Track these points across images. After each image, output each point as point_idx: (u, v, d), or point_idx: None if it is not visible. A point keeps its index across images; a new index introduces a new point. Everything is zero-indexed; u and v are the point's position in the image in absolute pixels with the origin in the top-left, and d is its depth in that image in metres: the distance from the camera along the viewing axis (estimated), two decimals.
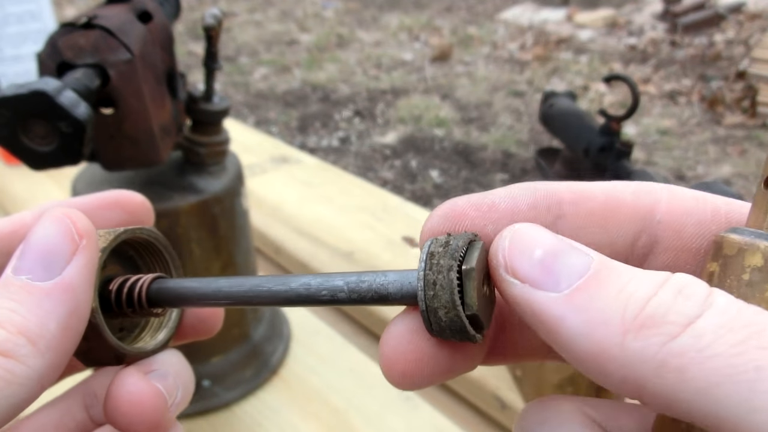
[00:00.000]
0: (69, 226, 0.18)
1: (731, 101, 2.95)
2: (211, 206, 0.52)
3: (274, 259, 0.81)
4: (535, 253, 0.15)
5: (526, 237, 0.15)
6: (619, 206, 0.18)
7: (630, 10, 4.33)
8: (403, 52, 3.90)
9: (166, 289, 0.22)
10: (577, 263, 0.14)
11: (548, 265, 0.15)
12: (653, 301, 0.13)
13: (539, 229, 0.16)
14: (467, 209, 0.18)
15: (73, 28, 0.41)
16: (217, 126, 0.53)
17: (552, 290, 0.14)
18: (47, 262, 0.18)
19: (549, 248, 0.15)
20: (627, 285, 0.14)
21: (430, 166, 2.55)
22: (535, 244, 0.15)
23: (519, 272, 0.15)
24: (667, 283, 0.14)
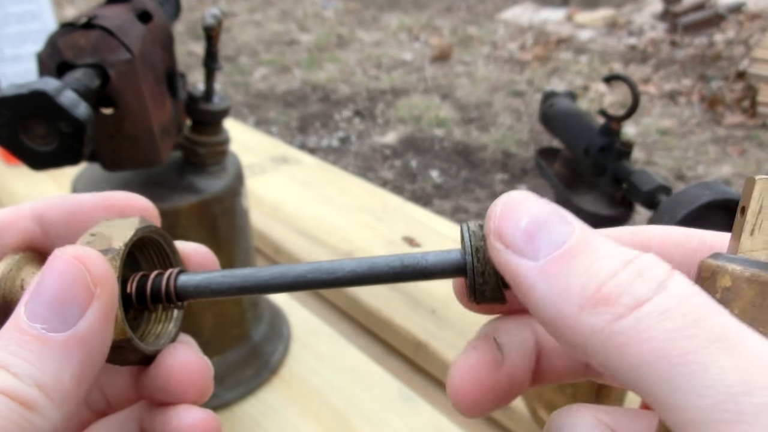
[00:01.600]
0: (83, 274, 0.18)
1: (731, 101, 2.95)
2: (211, 206, 0.52)
3: (274, 259, 0.81)
4: (522, 222, 0.16)
5: (515, 205, 0.16)
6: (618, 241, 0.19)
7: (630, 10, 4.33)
8: (403, 52, 3.90)
9: (194, 281, 0.22)
10: (557, 235, 0.15)
11: (531, 235, 0.16)
12: (612, 281, 0.14)
13: (530, 197, 0.17)
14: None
15: (73, 28, 0.41)
16: (217, 126, 0.53)
17: (531, 258, 0.15)
18: (62, 313, 0.17)
19: (534, 218, 0.16)
20: (595, 262, 0.15)
21: (430, 166, 2.55)
22: (523, 213, 0.16)
23: (505, 239, 0.16)
24: (631, 264, 0.15)
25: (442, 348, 0.61)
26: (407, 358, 0.64)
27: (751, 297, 0.16)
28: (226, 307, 0.57)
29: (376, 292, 0.69)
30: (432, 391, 0.61)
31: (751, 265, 0.16)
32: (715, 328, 0.14)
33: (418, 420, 0.56)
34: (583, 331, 0.14)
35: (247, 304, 0.59)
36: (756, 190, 0.17)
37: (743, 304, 0.16)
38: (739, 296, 0.16)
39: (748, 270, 0.16)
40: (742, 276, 0.16)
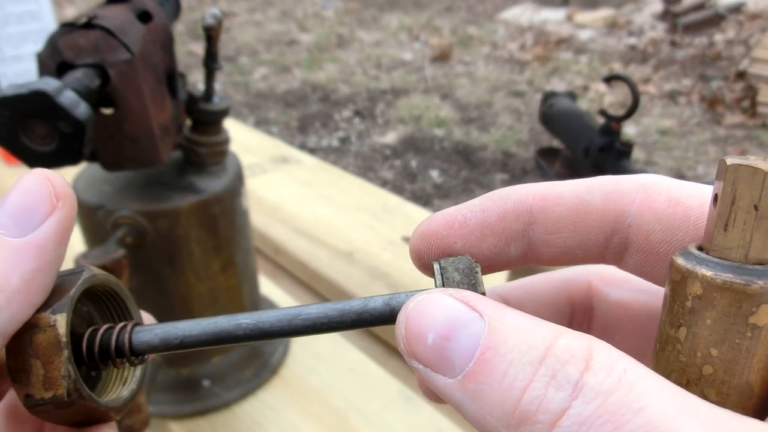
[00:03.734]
0: (48, 187, 0.19)
1: (731, 101, 2.95)
2: (211, 206, 0.52)
3: (274, 259, 0.81)
4: (428, 338, 0.15)
5: (420, 319, 0.16)
6: (589, 211, 0.19)
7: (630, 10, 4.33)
8: (403, 52, 3.90)
9: (150, 336, 0.20)
10: (466, 343, 0.15)
11: (440, 350, 0.15)
12: (527, 394, 0.14)
13: (435, 304, 0.16)
14: (440, 228, 0.20)
15: (73, 28, 0.41)
16: (217, 126, 0.53)
17: (448, 375, 0.15)
18: (22, 220, 0.18)
19: (440, 331, 0.15)
20: (508, 370, 0.14)
21: (430, 166, 2.55)
22: (427, 328, 0.15)
23: (418, 358, 0.16)
24: (543, 365, 0.14)
25: None
26: None
27: (724, 306, 0.15)
28: (226, 307, 0.57)
29: (376, 292, 0.69)
30: None
31: (724, 269, 0.15)
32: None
33: (418, 420, 0.56)
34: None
35: (248, 304, 0.59)
36: (728, 177, 0.15)
37: (716, 314, 0.15)
38: (711, 305, 0.15)
39: (719, 276, 0.15)
40: (714, 283, 0.15)
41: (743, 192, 0.15)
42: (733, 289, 0.14)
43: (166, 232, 0.50)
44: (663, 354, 0.16)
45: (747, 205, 0.15)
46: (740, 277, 0.14)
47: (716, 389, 0.15)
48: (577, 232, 0.19)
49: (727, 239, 0.15)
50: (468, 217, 0.19)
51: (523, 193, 0.19)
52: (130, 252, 0.48)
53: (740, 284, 0.14)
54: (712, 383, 0.15)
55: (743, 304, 0.14)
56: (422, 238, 0.20)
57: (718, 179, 0.15)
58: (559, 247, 0.19)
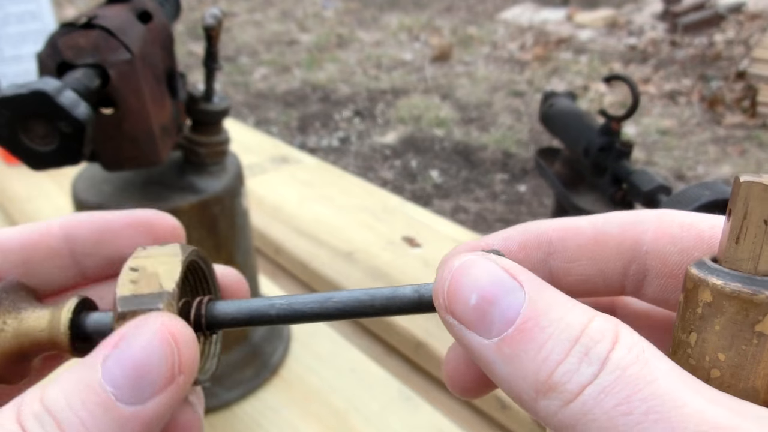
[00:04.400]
0: (174, 354, 0.17)
1: (731, 101, 2.95)
2: (211, 206, 0.52)
3: (274, 259, 0.81)
4: (471, 298, 0.16)
5: (464, 279, 0.16)
6: (606, 240, 0.20)
7: (630, 10, 4.33)
8: (403, 52, 3.90)
9: (225, 310, 0.21)
10: (508, 309, 0.16)
11: (482, 312, 0.16)
12: (561, 367, 0.15)
13: (480, 266, 0.17)
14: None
15: (73, 28, 0.41)
16: (217, 126, 0.53)
17: (485, 336, 0.16)
18: (137, 386, 0.16)
19: (484, 293, 0.16)
20: (546, 343, 0.15)
21: (430, 166, 2.55)
22: (472, 288, 0.16)
23: (457, 315, 0.16)
24: (578, 343, 0.15)
25: (442, 348, 0.61)
26: (407, 358, 0.64)
27: (732, 314, 0.16)
28: None
29: None
30: (432, 391, 0.61)
31: (733, 279, 0.16)
32: (647, 399, 0.14)
33: (418, 420, 0.56)
34: (541, 414, 0.15)
35: None
36: (741, 193, 0.16)
37: (724, 320, 0.16)
38: (720, 312, 0.16)
39: (728, 285, 0.16)
40: (723, 292, 0.16)
41: (755, 207, 0.16)
42: (740, 298, 0.15)
43: None
44: (675, 357, 0.17)
45: (758, 220, 0.16)
46: (748, 287, 0.15)
47: (723, 392, 0.16)
48: (595, 260, 0.20)
49: (738, 251, 0.16)
50: (491, 245, 0.20)
51: (544, 226, 0.20)
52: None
53: (748, 294, 0.15)
54: (719, 386, 0.16)
55: (750, 312, 0.15)
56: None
57: (732, 195, 0.16)
58: (578, 275, 0.20)
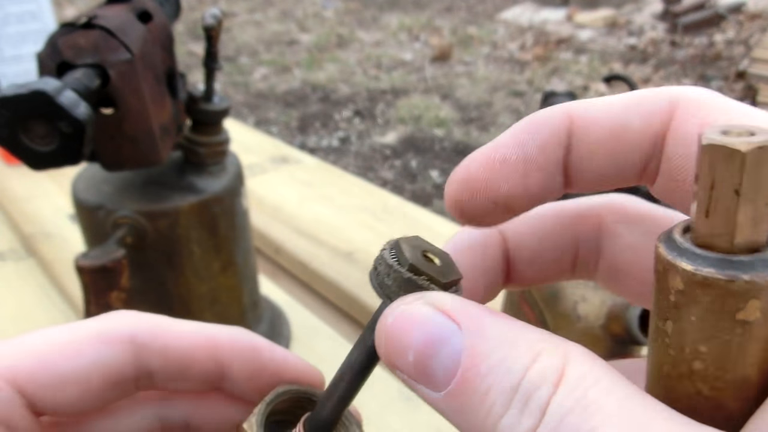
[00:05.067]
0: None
1: None
2: (211, 206, 0.52)
3: (274, 259, 0.81)
4: (409, 356, 0.15)
5: (398, 338, 0.16)
6: (627, 132, 0.17)
7: (630, 10, 4.33)
8: (403, 52, 3.90)
9: (319, 418, 0.21)
10: (448, 363, 0.15)
11: (423, 367, 0.15)
12: (504, 420, 0.14)
13: (413, 318, 0.16)
14: (481, 172, 0.18)
15: (73, 28, 0.41)
16: (217, 126, 0.53)
17: (432, 390, 0.15)
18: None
19: (421, 349, 0.15)
20: (488, 394, 0.14)
21: (430, 166, 2.56)
22: (408, 345, 0.15)
23: (401, 370, 0.16)
24: (519, 391, 0.14)
25: None
26: None
27: (708, 303, 0.13)
28: (227, 307, 0.57)
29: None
30: None
31: (706, 262, 0.13)
32: None
33: (418, 420, 0.56)
34: None
35: (248, 304, 0.59)
36: (705, 158, 0.13)
37: (701, 310, 0.14)
38: (694, 301, 0.14)
39: (700, 271, 0.13)
40: (695, 279, 0.13)
41: (722, 176, 0.13)
42: (715, 286, 0.13)
43: (166, 232, 0.50)
44: (655, 344, 0.15)
45: (728, 191, 0.13)
46: (723, 272, 0.13)
47: (709, 384, 0.14)
48: (615, 157, 0.17)
49: (710, 225, 0.13)
50: (507, 155, 0.18)
51: (560, 115, 0.18)
52: (130, 252, 0.48)
53: (723, 280, 0.13)
54: (704, 378, 0.14)
55: (728, 300, 0.13)
56: (464, 185, 0.19)
57: (697, 158, 0.13)
58: (594, 172, 0.18)
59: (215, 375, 0.21)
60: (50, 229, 0.83)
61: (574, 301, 0.47)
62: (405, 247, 0.19)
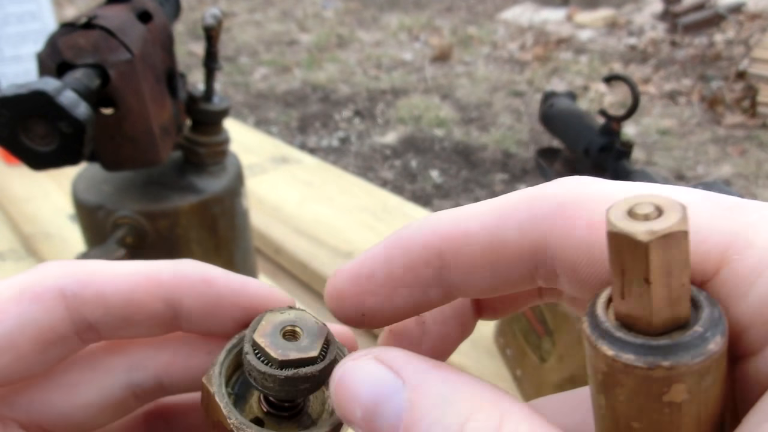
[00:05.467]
0: None
1: (731, 101, 2.95)
2: (211, 206, 0.52)
3: (274, 259, 0.81)
4: (357, 413, 0.16)
5: (347, 394, 0.16)
6: (505, 247, 0.17)
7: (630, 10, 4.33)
8: (403, 52, 3.90)
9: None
10: (391, 420, 0.15)
11: (370, 424, 0.16)
12: None
13: (359, 374, 0.16)
14: (346, 286, 0.19)
15: (73, 28, 0.41)
16: (217, 126, 0.53)
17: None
18: None
19: (366, 406, 0.16)
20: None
21: (430, 166, 2.56)
22: (355, 402, 0.16)
23: (352, 424, 0.16)
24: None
25: None
26: None
27: (633, 386, 0.13)
28: None
29: None
30: None
31: (625, 348, 0.13)
32: None
33: None
34: None
35: None
36: (612, 245, 0.13)
37: (627, 392, 0.13)
38: (619, 384, 0.13)
39: (620, 357, 0.13)
40: (616, 366, 0.13)
41: (630, 265, 0.13)
42: (637, 373, 0.13)
43: (166, 232, 0.50)
44: (595, 411, 0.15)
45: (638, 279, 0.13)
46: (643, 359, 0.13)
47: None
48: (496, 271, 0.17)
49: (627, 307, 0.13)
50: (374, 271, 0.18)
51: (429, 235, 0.17)
52: (130, 252, 0.48)
53: (643, 368, 0.13)
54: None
55: (652, 385, 0.13)
56: (333, 296, 0.19)
57: (607, 242, 0.13)
58: (480, 287, 0.18)
59: (166, 316, 0.20)
60: (50, 229, 0.83)
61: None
62: (264, 343, 0.19)
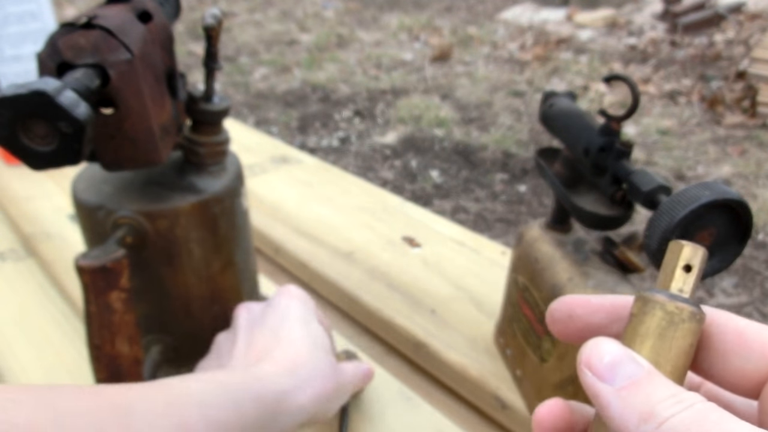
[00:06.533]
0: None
1: (731, 101, 2.95)
2: (211, 206, 0.52)
3: (274, 259, 0.81)
4: (605, 358, 0.22)
5: (601, 347, 0.22)
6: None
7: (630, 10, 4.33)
8: (403, 52, 3.90)
9: None
10: (629, 370, 0.21)
11: (611, 368, 0.22)
12: (659, 405, 0.20)
13: (611, 342, 0.23)
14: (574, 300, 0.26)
15: (73, 28, 0.41)
16: (217, 126, 0.53)
17: (609, 384, 0.21)
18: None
19: (614, 357, 0.22)
20: (653, 392, 0.21)
21: (430, 166, 2.55)
22: (606, 352, 0.22)
23: (592, 368, 0.22)
24: (674, 396, 0.20)
25: (442, 348, 0.61)
26: (407, 358, 0.64)
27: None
28: (226, 307, 0.57)
29: (376, 292, 0.69)
30: (432, 391, 0.61)
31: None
32: (713, 429, 0.19)
33: (418, 420, 0.56)
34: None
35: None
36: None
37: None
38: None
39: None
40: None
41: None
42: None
43: (166, 232, 0.50)
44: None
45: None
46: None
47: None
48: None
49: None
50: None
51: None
52: (130, 252, 0.48)
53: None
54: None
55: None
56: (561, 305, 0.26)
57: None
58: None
59: None
60: (50, 229, 0.83)
61: None
62: None
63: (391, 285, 0.71)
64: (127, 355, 0.46)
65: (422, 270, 0.73)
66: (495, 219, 2.19)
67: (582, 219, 0.49)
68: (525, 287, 0.54)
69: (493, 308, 0.66)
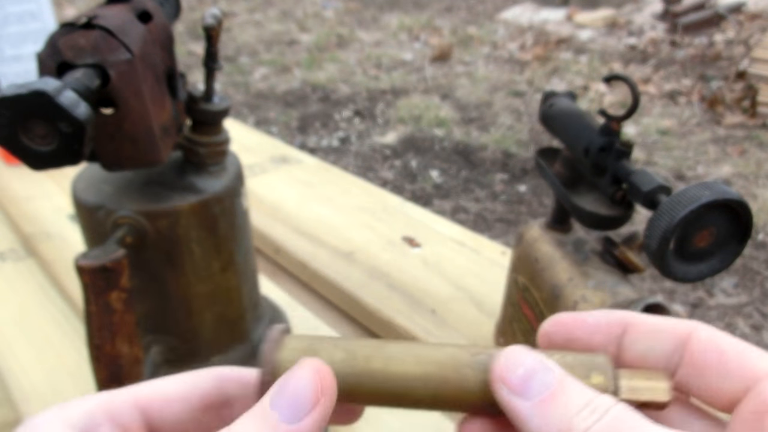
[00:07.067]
0: (317, 383, 0.22)
1: (731, 101, 2.95)
2: (211, 206, 0.52)
3: (274, 259, 0.81)
4: (519, 371, 0.21)
5: (514, 359, 0.22)
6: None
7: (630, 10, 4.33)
8: (403, 52, 3.90)
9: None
10: (545, 381, 0.21)
11: (525, 380, 0.21)
12: (575, 418, 0.20)
13: (523, 352, 0.22)
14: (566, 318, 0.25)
15: (73, 28, 0.41)
16: (217, 126, 0.53)
17: (526, 398, 0.21)
18: (296, 409, 0.21)
19: (527, 368, 0.21)
20: (568, 403, 0.20)
21: (430, 166, 2.56)
22: (519, 364, 0.22)
23: (506, 382, 0.21)
24: (588, 406, 0.20)
25: None
26: None
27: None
28: (226, 307, 0.57)
29: (376, 292, 0.69)
30: None
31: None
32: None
33: (418, 420, 0.56)
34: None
35: (248, 304, 0.59)
36: None
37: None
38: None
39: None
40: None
41: None
42: None
43: (166, 232, 0.50)
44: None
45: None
46: None
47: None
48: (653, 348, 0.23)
49: None
50: (593, 323, 0.24)
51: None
52: (130, 252, 0.48)
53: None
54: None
55: None
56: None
57: None
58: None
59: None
60: (50, 229, 0.83)
61: (574, 301, 0.47)
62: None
63: (391, 285, 0.70)
64: (127, 355, 0.46)
65: (422, 270, 0.73)
66: (495, 219, 2.19)
67: (582, 219, 0.49)
68: (525, 287, 0.54)
69: (494, 308, 0.66)
